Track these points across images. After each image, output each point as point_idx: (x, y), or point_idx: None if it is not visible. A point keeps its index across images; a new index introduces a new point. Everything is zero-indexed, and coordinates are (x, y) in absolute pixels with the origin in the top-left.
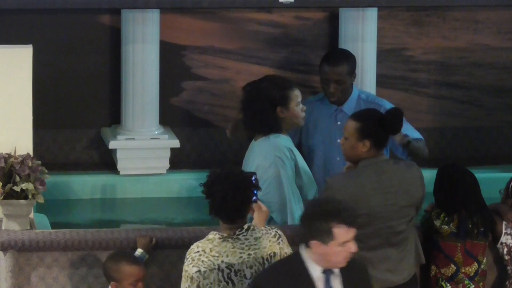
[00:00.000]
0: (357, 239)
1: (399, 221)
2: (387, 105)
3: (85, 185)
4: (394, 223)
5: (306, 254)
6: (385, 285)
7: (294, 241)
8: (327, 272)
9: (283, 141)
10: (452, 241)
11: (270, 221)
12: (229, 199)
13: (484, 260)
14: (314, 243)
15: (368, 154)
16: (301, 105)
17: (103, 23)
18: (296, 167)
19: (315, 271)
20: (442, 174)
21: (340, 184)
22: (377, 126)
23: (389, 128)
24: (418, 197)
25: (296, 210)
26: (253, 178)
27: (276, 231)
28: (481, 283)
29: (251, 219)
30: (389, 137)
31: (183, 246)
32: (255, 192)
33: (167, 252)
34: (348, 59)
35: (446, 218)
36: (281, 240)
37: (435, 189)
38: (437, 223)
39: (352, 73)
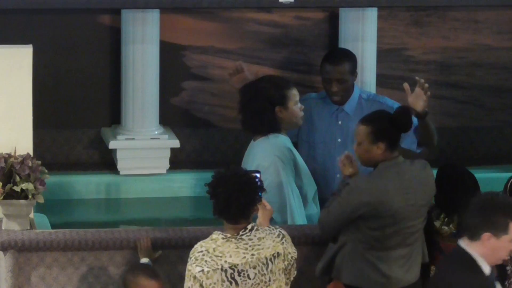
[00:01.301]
0: (375, 239)
1: (417, 220)
2: (389, 102)
3: (85, 185)
4: (413, 223)
5: (472, 250)
6: (401, 284)
7: (295, 241)
8: (492, 268)
9: (283, 141)
10: (452, 242)
11: (270, 221)
12: (232, 201)
13: None
14: (487, 235)
15: (384, 156)
16: (299, 104)
17: (103, 23)
18: (296, 167)
19: (486, 268)
20: (442, 175)
21: (364, 186)
22: (388, 126)
23: (400, 127)
24: (432, 195)
25: (295, 210)
26: (257, 177)
27: (280, 231)
28: None
29: (256, 218)
30: (400, 136)
31: (183, 246)
32: (259, 193)
33: (167, 252)
34: (349, 58)
35: (446, 219)
36: (285, 240)
37: None
38: (437, 223)
39: (353, 72)
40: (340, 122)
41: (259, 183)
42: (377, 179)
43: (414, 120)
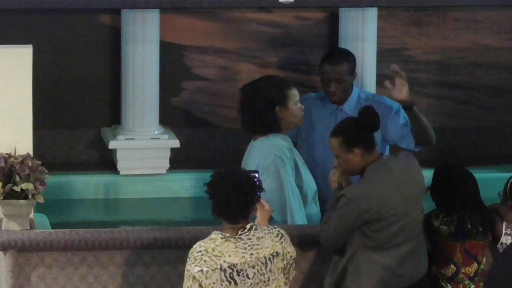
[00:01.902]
0: (383, 240)
1: (417, 211)
2: (388, 102)
3: (85, 185)
4: (414, 215)
5: None
6: (414, 279)
7: (295, 241)
8: None
9: (283, 140)
10: (452, 242)
11: (270, 221)
12: (232, 201)
13: (484, 260)
14: None
15: (365, 160)
16: (299, 104)
17: (103, 23)
18: (296, 166)
19: None
20: (441, 174)
21: (360, 194)
22: (356, 130)
23: (368, 127)
24: (424, 183)
25: (295, 210)
26: (256, 177)
27: (278, 231)
28: (482, 283)
29: (254, 218)
30: (374, 135)
31: (183, 246)
32: (258, 193)
33: (167, 252)
34: (348, 58)
35: (445, 219)
36: (284, 240)
37: (434, 189)
38: (436, 223)
39: (352, 72)
40: None
41: (257, 182)
42: (370, 184)
43: (406, 116)
